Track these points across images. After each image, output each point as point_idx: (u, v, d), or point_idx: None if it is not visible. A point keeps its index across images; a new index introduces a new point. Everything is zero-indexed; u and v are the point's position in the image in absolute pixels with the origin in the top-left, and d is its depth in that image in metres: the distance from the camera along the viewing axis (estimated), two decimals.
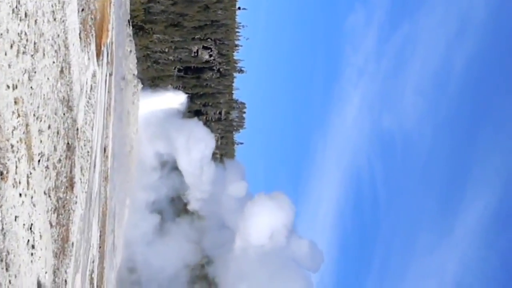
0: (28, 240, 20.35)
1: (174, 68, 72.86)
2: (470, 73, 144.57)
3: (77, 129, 28.30)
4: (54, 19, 22.80)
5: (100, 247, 39.81)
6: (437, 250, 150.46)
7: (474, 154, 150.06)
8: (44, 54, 21.42)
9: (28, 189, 20.14)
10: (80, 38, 28.40)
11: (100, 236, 39.51)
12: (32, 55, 19.78)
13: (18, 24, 18.26)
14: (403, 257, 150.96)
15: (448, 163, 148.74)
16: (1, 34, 16.81)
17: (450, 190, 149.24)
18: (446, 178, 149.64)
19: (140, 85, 63.22)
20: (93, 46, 32.37)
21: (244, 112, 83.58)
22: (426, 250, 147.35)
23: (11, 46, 17.66)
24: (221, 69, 76.37)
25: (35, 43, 20.07)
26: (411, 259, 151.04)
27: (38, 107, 20.85)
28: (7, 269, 17.80)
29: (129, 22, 59.78)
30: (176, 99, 71.17)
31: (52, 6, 22.36)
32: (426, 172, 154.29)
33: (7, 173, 17.86)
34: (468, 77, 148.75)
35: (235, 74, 79.81)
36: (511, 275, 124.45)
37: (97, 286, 38.97)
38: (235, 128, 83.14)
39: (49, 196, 23.37)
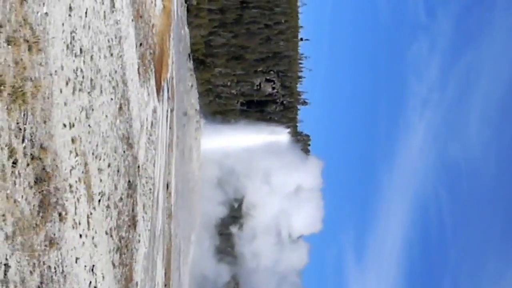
0: (90, 282, 19.75)
1: (237, 102, 72.37)
2: None
3: (138, 167, 27.83)
4: (111, 55, 22.41)
5: (165, 285, 39.15)
6: (504, 278, 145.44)
7: None
8: (101, 91, 21.01)
9: (88, 229, 19.58)
10: (138, 73, 28.02)
11: (165, 274, 38.87)
12: (89, 92, 19.33)
13: (73, 61, 17.82)
14: (471, 286, 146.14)
15: None
16: (56, 71, 16.34)
17: None
18: None
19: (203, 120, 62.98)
20: (152, 82, 32.02)
21: (309, 145, 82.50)
22: (493, 278, 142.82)
23: (67, 84, 17.19)
24: (284, 102, 75.59)
25: (91, 80, 19.63)
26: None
27: (96, 145, 20.37)
28: None
29: (189, 56, 59.72)
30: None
31: (108, 41, 21.96)
32: (492, 200, 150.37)
33: (66, 214, 17.26)
34: None
35: (298, 106, 78.95)
36: None
37: None
38: None
39: (111, 236, 22.82)
